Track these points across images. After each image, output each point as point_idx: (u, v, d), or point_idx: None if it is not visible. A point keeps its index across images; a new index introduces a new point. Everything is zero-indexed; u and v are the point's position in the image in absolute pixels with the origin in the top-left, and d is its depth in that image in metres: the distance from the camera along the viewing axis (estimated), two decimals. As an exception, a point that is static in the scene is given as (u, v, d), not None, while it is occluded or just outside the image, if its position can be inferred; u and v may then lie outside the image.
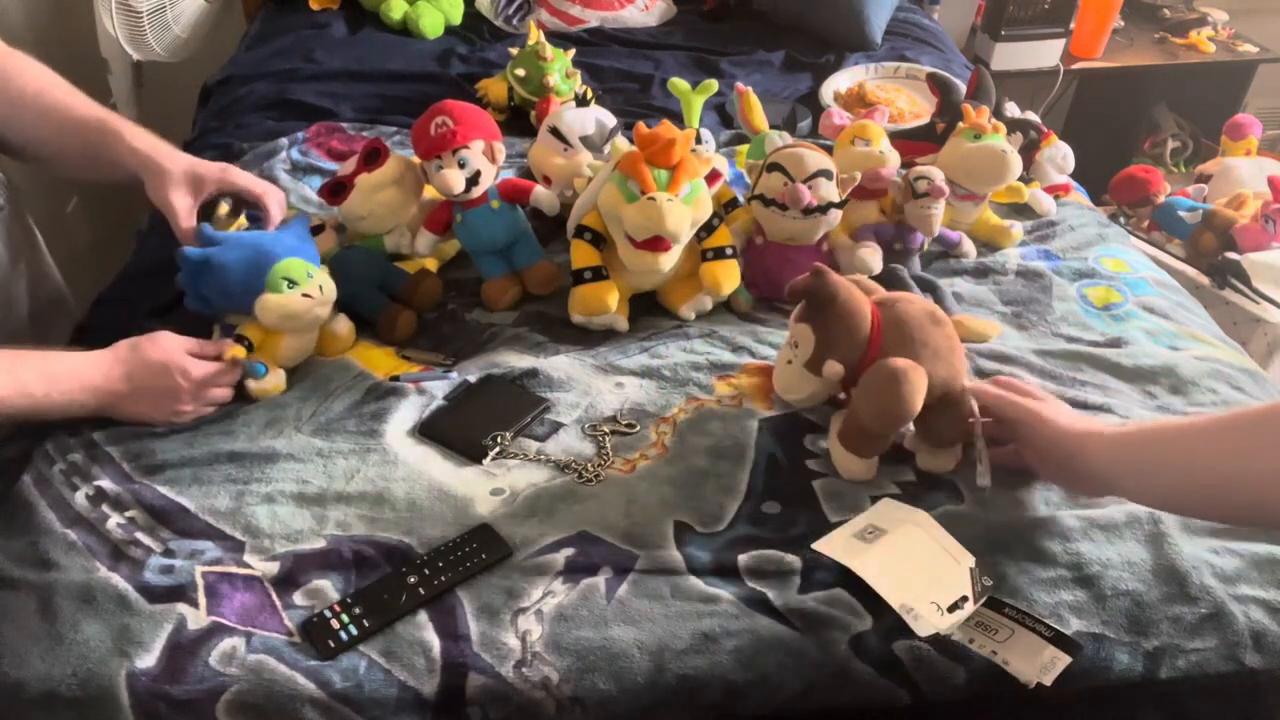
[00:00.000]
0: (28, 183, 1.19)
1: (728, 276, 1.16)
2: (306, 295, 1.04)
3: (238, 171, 1.14)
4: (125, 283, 1.27)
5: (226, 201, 1.15)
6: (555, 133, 1.34)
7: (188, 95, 1.83)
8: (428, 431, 1.01)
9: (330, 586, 0.85)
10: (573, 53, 1.63)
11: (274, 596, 0.84)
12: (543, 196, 1.24)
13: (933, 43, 2.03)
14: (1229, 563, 0.87)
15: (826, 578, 0.86)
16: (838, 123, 1.40)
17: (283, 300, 1.03)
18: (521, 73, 1.57)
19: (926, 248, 1.30)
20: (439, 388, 1.06)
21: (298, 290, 1.04)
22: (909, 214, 1.22)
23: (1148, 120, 2.66)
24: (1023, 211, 1.43)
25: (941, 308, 1.05)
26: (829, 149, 1.27)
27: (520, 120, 1.61)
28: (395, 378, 1.08)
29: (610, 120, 1.37)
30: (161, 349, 0.99)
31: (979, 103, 1.42)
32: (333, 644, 0.80)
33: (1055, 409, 0.93)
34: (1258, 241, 1.71)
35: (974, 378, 1.08)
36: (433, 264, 1.25)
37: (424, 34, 1.94)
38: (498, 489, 0.95)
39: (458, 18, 2.01)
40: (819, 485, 0.96)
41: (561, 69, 1.57)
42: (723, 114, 1.67)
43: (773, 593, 0.84)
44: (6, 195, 1.14)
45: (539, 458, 0.98)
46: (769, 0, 2.07)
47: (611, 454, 0.99)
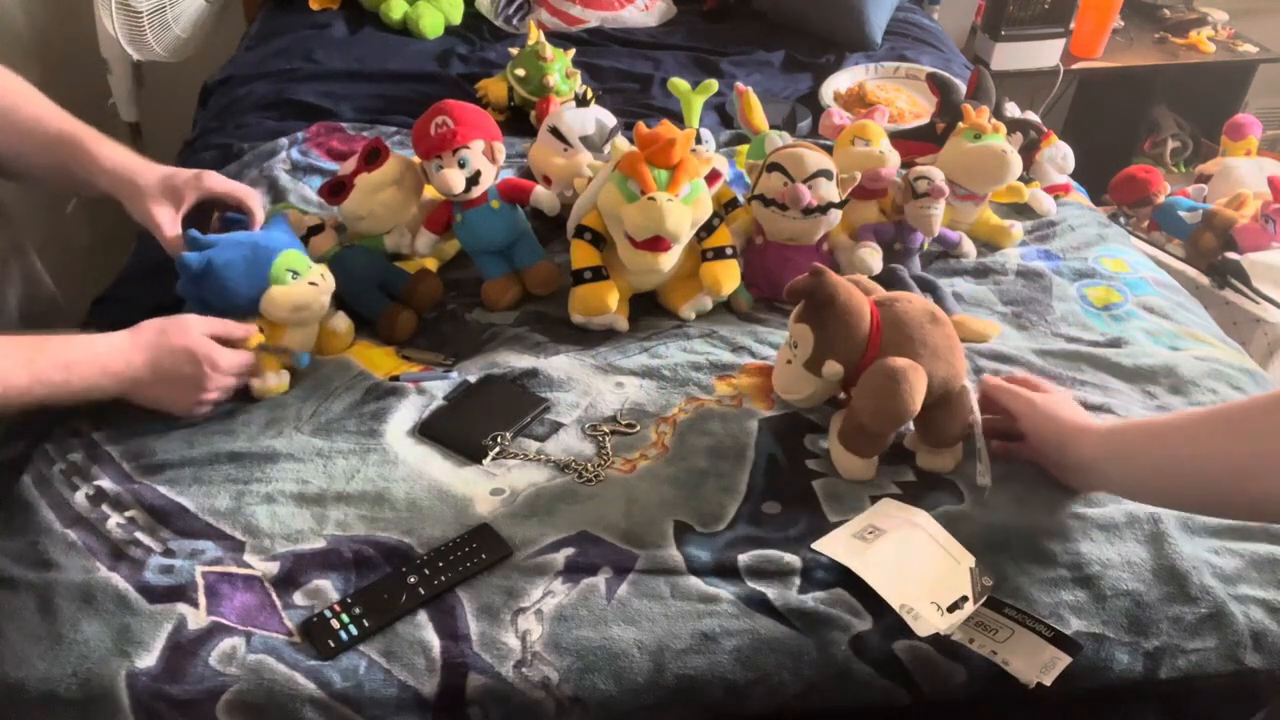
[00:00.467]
0: (14, 201, 1.18)
1: (728, 276, 1.16)
2: (312, 284, 1.05)
3: (214, 176, 1.11)
4: (125, 283, 1.27)
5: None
6: (555, 133, 1.34)
7: (188, 95, 1.83)
8: (428, 431, 1.01)
9: (330, 586, 0.85)
10: (573, 53, 1.63)
11: (274, 596, 0.84)
12: (543, 196, 1.24)
13: (933, 43, 2.03)
14: (1229, 563, 0.87)
15: (826, 578, 0.86)
16: (838, 123, 1.40)
17: (290, 291, 1.04)
18: (521, 73, 1.57)
19: (926, 248, 1.30)
20: (439, 388, 1.06)
21: (303, 279, 1.05)
22: (909, 214, 1.22)
23: (1148, 120, 2.66)
24: (1023, 211, 1.43)
25: (941, 308, 1.05)
26: (829, 149, 1.27)
27: (520, 120, 1.61)
28: (395, 377, 1.08)
29: (610, 120, 1.38)
30: (188, 336, 0.96)
31: (979, 103, 1.42)
32: (333, 644, 0.80)
33: (1055, 402, 0.94)
34: (1258, 241, 1.71)
35: (973, 377, 1.08)
36: (433, 264, 1.25)
37: (424, 34, 1.94)
38: (498, 489, 0.95)
39: (458, 18, 2.01)
40: (819, 485, 0.96)
41: (561, 69, 1.57)
42: (723, 114, 1.67)
43: (773, 592, 0.84)
44: None
45: (539, 458, 0.98)
46: (769, 0, 2.07)
47: (611, 454, 0.99)
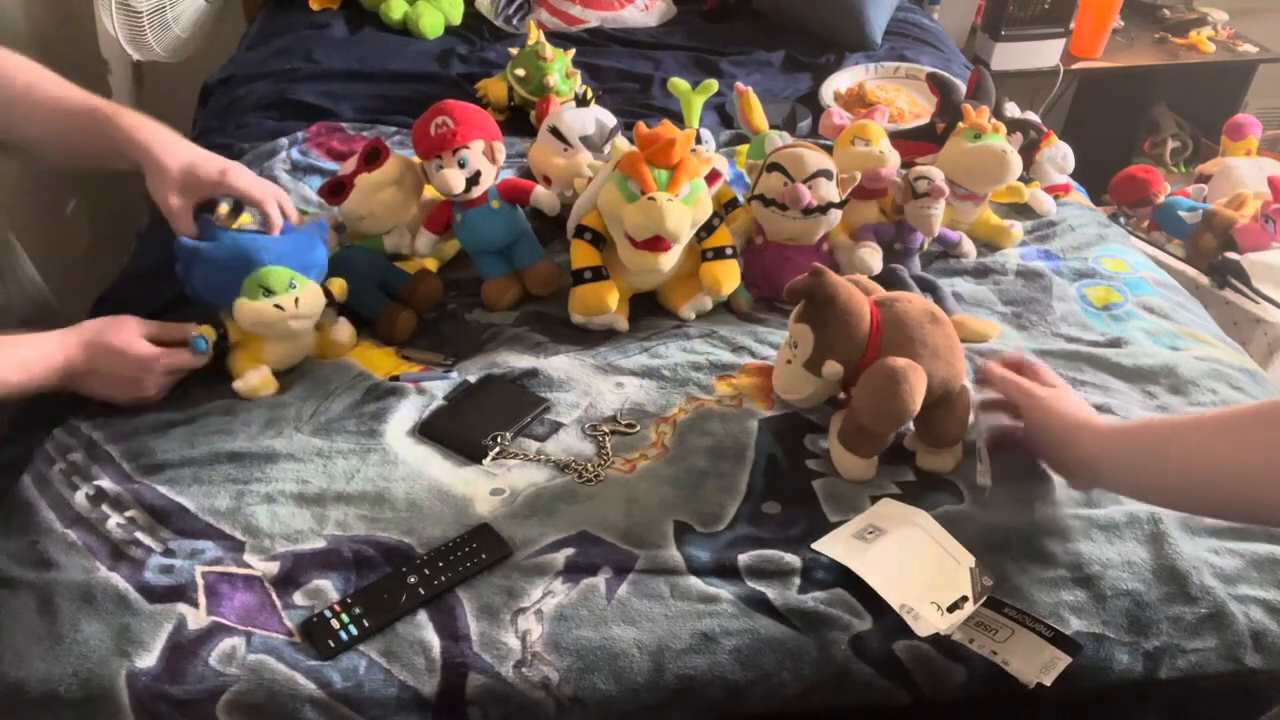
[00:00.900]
0: (26, 184, 1.19)
1: (728, 276, 1.16)
2: (279, 307, 1.03)
3: (238, 174, 1.11)
4: (125, 283, 1.27)
5: (226, 202, 1.15)
6: (555, 133, 1.34)
7: (188, 95, 1.83)
8: (428, 431, 1.01)
9: (330, 586, 0.85)
10: (573, 53, 1.63)
11: (274, 596, 0.84)
12: (543, 196, 1.24)
13: (933, 43, 2.03)
14: (1229, 563, 0.87)
15: (826, 578, 0.86)
16: (838, 123, 1.40)
17: (254, 308, 1.02)
18: (521, 73, 1.57)
19: (926, 248, 1.30)
20: (439, 388, 1.06)
21: (271, 300, 1.03)
22: (909, 214, 1.22)
23: (1148, 120, 2.66)
24: (1023, 211, 1.43)
25: (941, 308, 1.05)
26: (829, 149, 1.27)
27: (520, 120, 1.61)
28: (395, 378, 1.08)
29: (610, 120, 1.38)
30: (123, 338, 1.00)
31: (979, 103, 1.42)
32: (333, 644, 0.80)
33: (1058, 396, 0.93)
34: (1258, 241, 1.71)
35: (973, 377, 1.08)
36: (433, 264, 1.25)
37: (424, 34, 1.94)
38: (498, 489, 0.95)
39: (458, 18, 2.01)
40: (819, 485, 0.96)
41: (561, 69, 1.57)
42: (723, 114, 1.67)
43: (773, 592, 0.84)
44: None
45: (539, 458, 0.98)
46: (769, 0, 2.07)
47: (611, 454, 0.99)
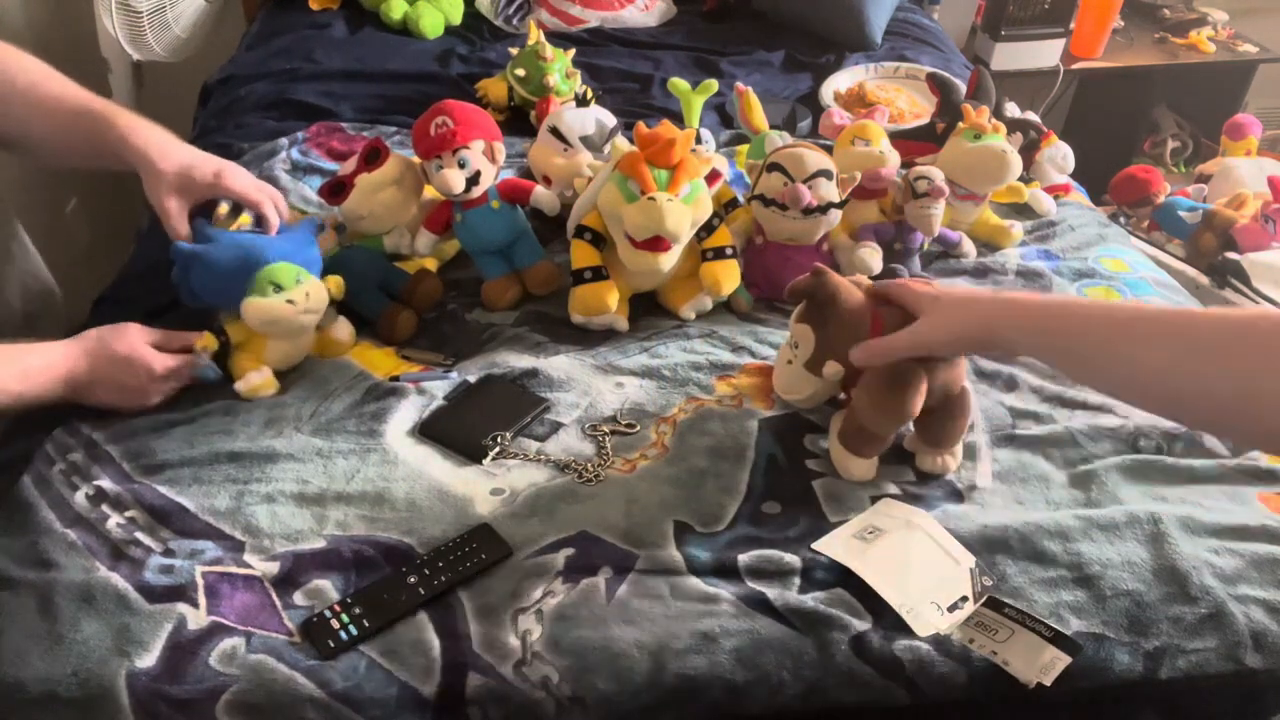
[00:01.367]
0: (27, 182, 1.19)
1: (728, 276, 1.16)
2: (290, 301, 1.03)
3: (233, 176, 1.10)
4: (125, 283, 1.27)
5: (226, 203, 1.15)
6: (555, 133, 1.34)
7: (188, 95, 1.83)
8: (428, 431, 1.01)
9: (330, 586, 0.85)
10: (573, 53, 1.63)
11: (274, 596, 0.84)
12: (543, 196, 1.24)
13: (933, 43, 2.03)
14: (1229, 563, 0.87)
15: (826, 577, 0.86)
16: (838, 123, 1.40)
17: (266, 305, 1.02)
18: (521, 73, 1.57)
19: (926, 247, 1.30)
20: (439, 388, 1.06)
21: (282, 296, 1.03)
22: (909, 214, 1.22)
23: (1148, 120, 2.66)
24: (1023, 211, 1.43)
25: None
26: (829, 149, 1.27)
27: (520, 120, 1.61)
28: (395, 378, 1.08)
29: (610, 120, 1.38)
30: (127, 343, 1.00)
31: (979, 103, 1.42)
32: (333, 644, 0.80)
33: (957, 289, 0.93)
34: (1258, 241, 1.71)
35: (973, 378, 1.08)
36: (432, 264, 1.25)
37: (424, 34, 1.94)
38: (498, 489, 0.95)
39: (458, 18, 2.02)
40: (819, 485, 0.96)
41: (561, 69, 1.57)
42: (723, 114, 1.67)
43: (773, 592, 0.84)
44: None
45: (539, 458, 0.98)
46: (769, 0, 2.07)
47: (611, 454, 0.99)
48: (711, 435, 1.00)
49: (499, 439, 1.00)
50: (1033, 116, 1.61)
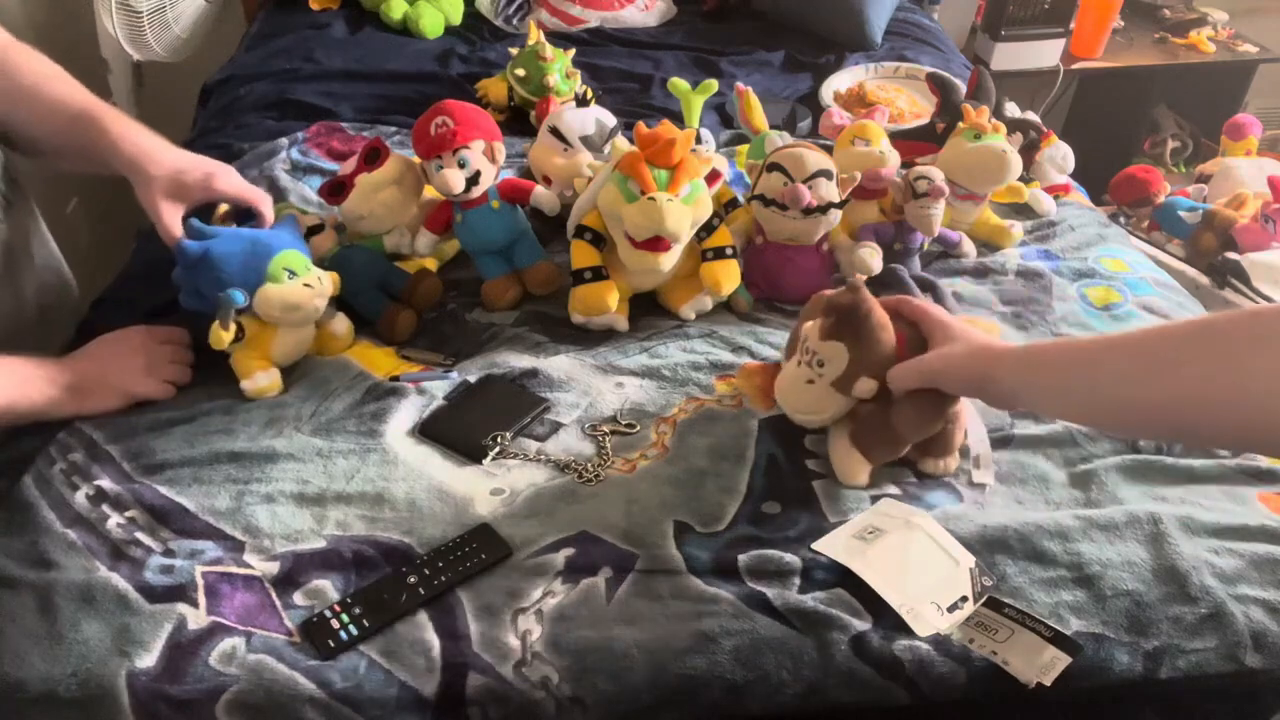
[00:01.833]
0: (27, 181, 1.20)
1: (728, 276, 1.16)
2: (307, 285, 1.05)
3: (224, 179, 1.11)
4: (125, 283, 1.27)
5: (226, 205, 1.15)
6: (555, 133, 1.34)
7: (188, 95, 1.83)
8: (428, 431, 1.01)
9: (330, 586, 0.85)
10: (573, 53, 1.63)
11: (274, 596, 0.84)
12: (543, 196, 1.24)
13: (933, 43, 2.03)
14: (1229, 563, 0.87)
15: (826, 578, 0.86)
16: (838, 123, 1.40)
17: (284, 290, 1.03)
18: (521, 73, 1.57)
19: (926, 247, 1.30)
20: (439, 388, 1.06)
21: (299, 280, 1.04)
22: (909, 214, 1.22)
23: (1148, 120, 2.66)
24: (1023, 211, 1.43)
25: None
26: (829, 149, 1.27)
27: (520, 120, 1.61)
28: (395, 378, 1.08)
29: (610, 120, 1.38)
30: (120, 330, 1.06)
31: (979, 103, 1.42)
32: (333, 644, 0.80)
33: (961, 324, 0.93)
34: (1258, 241, 1.71)
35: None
36: (432, 264, 1.25)
37: (424, 34, 1.94)
38: (498, 489, 0.95)
39: (458, 18, 2.02)
40: (819, 486, 0.96)
41: (561, 69, 1.57)
42: (723, 114, 1.67)
43: (772, 593, 0.84)
44: (7, 183, 1.13)
45: (539, 458, 0.98)
46: (769, 0, 2.07)
47: (611, 454, 0.99)
48: (712, 435, 1.00)
49: (499, 439, 1.00)
50: (1033, 116, 1.61)
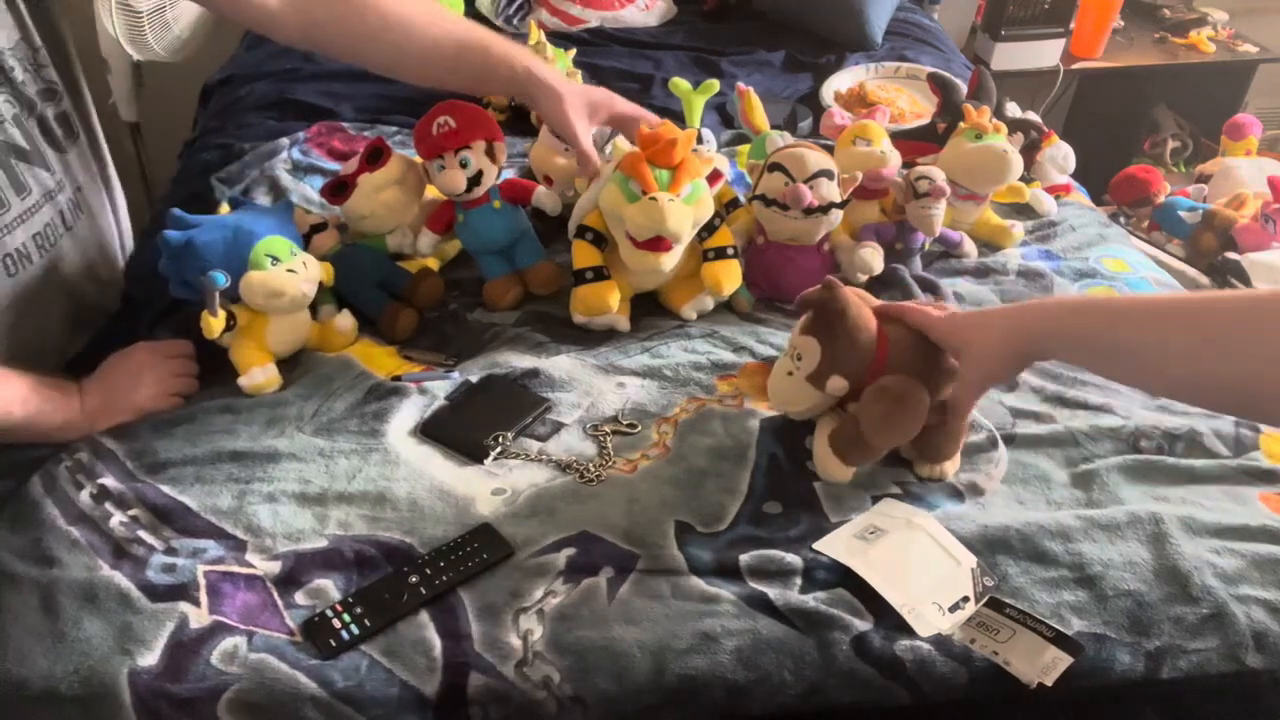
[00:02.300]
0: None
1: (729, 276, 1.16)
2: (291, 271, 1.04)
3: (621, 102, 1.22)
4: (126, 282, 1.27)
5: (227, 204, 1.15)
6: (556, 133, 1.34)
7: (188, 95, 1.83)
8: (429, 431, 1.01)
9: (332, 586, 0.85)
10: (573, 52, 1.64)
11: (275, 596, 0.84)
12: (545, 197, 1.24)
13: (933, 43, 2.03)
14: (1231, 563, 0.87)
15: (828, 578, 0.86)
16: (839, 123, 1.40)
17: (267, 276, 1.03)
18: (522, 72, 1.57)
19: (928, 247, 1.30)
20: (440, 387, 1.06)
21: (282, 266, 1.04)
22: (910, 214, 1.22)
23: (1148, 120, 2.66)
24: (1024, 211, 1.43)
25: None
26: (830, 149, 1.27)
27: (521, 120, 1.61)
28: (397, 377, 1.08)
29: (611, 120, 1.37)
30: (128, 359, 1.05)
31: (980, 103, 1.42)
32: (334, 643, 0.80)
33: (966, 310, 0.93)
34: (1258, 241, 1.71)
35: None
36: (434, 263, 1.25)
37: (425, 34, 1.94)
38: (499, 489, 0.95)
39: (458, 18, 2.01)
40: (820, 486, 0.96)
41: (562, 69, 1.57)
42: (724, 114, 1.68)
43: (774, 592, 0.84)
44: (82, 123, 1.16)
45: (540, 458, 0.98)
46: (769, 0, 2.07)
47: (613, 454, 0.99)
48: (713, 435, 1.00)
49: (500, 439, 1.00)
50: (1034, 117, 1.61)
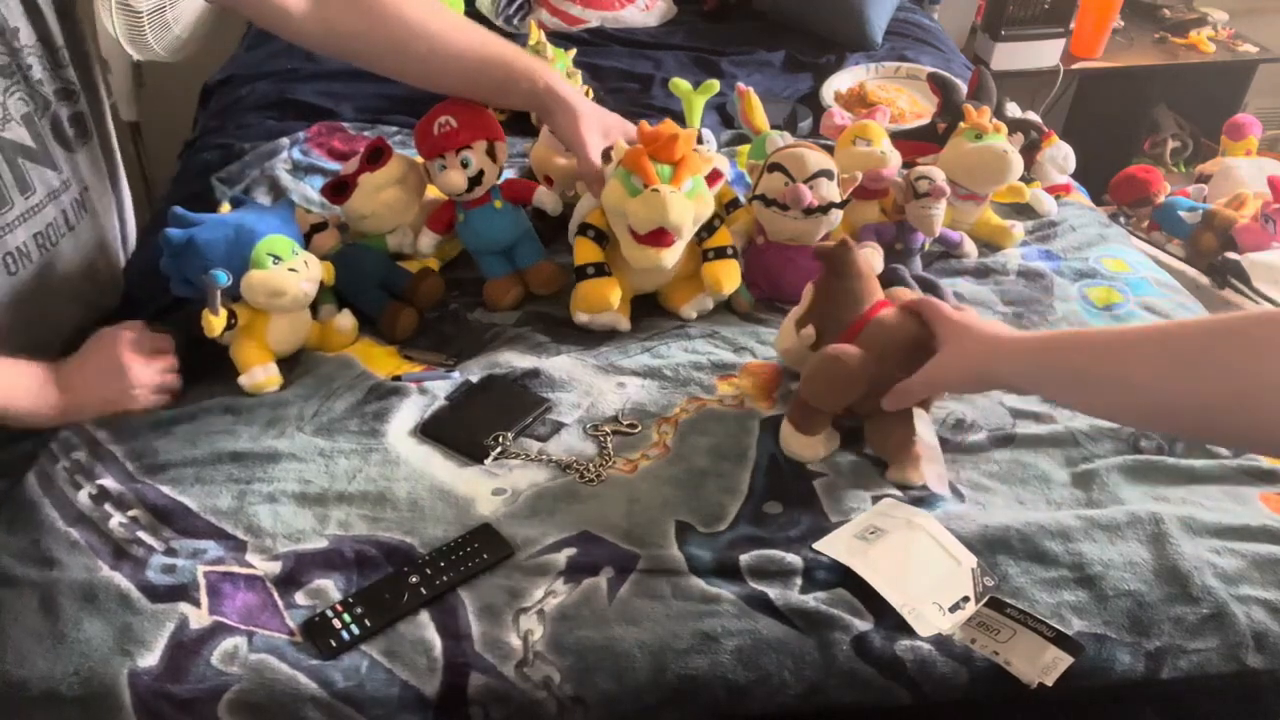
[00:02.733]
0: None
1: (729, 276, 1.16)
2: (292, 269, 1.04)
3: (634, 128, 1.21)
4: (126, 282, 1.27)
5: (228, 203, 1.15)
6: (569, 147, 1.33)
7: (188, 95, 1.83)
8: (429, 431, 1.01)
9: (332, 586, 0.85)
10: (573, 52, 1.63)
11: (276, 596, 0.84)
12: (545, 197, 1.24)
13: (933, 43, 2.03)
14: (1231, 563, 0.87)
15: (828, 578, 0.86)
16: (839, 123, 1.40)
17: (268, 276, 1.03)
18: (522, 72, 1.57)
19: (928, 247, 1.30)
20: (441, 387, 1.06)
21: (283, 265, 1.04)
22: (910, 214, 1.22)
23: (1148, 120, 2.66)
24: (1024, 211, 1.43)
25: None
26: (830, 149, 1.27)
27: (522, 120, 1.60)
28: (397, 377, 1.08)
29: (611, 120, 1.37)
30: (108, 354, 1.01)
31: (980, 103, 1.42)
32: (334, 643, 0.80)
33: (975, 318, 0.93)
34: (1258, 241, 1.71)
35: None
36: (435, 263, 1.25)
37: (425, 33, 1.94)
38: (499, 489, 0.95)
39: (458, 18, 2.01)
40: (820, 485, 0.96)
41: (562, 69, 1.57)
42: (724, 114, 1.67)
43: (774, 592, 0.84)
44: (96, 124, 1.16)
45: (541, 458, 0.98)
46: (769, 0, 2.07)
47: (613, 454, 0.99)
48: (713, 435, 1.00)
49: (500, 439, 1.00)
50: (1034, 117, 1.61)
